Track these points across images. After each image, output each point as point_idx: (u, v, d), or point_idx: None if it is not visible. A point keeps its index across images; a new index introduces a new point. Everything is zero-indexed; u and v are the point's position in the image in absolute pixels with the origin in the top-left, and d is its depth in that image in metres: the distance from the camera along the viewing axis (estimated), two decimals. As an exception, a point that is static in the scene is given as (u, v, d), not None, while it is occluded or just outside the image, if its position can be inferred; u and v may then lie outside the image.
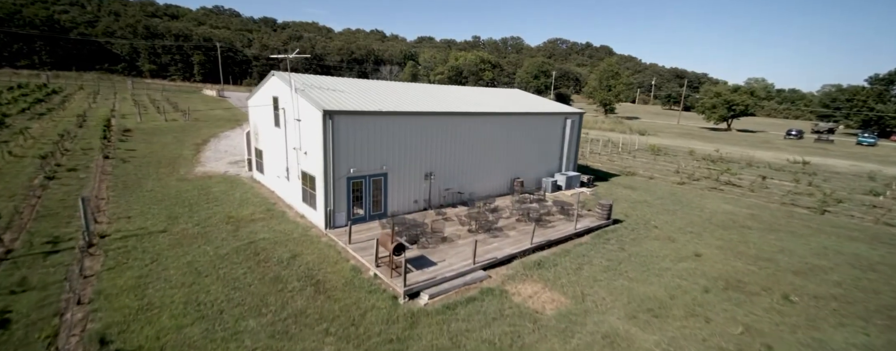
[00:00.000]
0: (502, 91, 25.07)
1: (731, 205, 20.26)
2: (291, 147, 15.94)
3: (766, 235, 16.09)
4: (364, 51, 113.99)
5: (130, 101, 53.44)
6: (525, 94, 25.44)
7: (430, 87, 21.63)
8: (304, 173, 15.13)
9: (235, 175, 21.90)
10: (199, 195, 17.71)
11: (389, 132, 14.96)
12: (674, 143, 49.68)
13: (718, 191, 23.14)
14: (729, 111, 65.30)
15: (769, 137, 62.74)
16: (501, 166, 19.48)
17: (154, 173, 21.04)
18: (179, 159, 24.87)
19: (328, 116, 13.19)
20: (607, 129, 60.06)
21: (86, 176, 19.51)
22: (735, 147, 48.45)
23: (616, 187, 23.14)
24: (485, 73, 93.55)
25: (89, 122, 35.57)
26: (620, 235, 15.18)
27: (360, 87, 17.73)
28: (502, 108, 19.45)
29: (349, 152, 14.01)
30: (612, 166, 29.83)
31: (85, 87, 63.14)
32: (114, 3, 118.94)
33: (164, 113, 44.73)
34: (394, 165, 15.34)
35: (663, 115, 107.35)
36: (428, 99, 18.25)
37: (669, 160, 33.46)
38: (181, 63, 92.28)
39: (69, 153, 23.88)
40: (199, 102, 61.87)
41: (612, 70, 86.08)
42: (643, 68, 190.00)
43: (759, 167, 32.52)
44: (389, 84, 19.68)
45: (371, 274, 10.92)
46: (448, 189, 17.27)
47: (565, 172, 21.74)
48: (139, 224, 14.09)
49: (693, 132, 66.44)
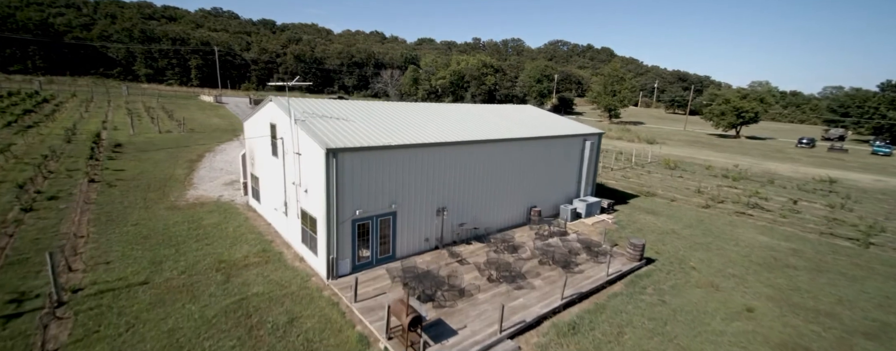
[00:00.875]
0: (513, 109, 23.51)
1: (766, 236, 18.72)
2: (290, 181, 14.38)
3: (815, 277, 14.55)
4: (364, 54, 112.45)
5: (124, 109, 51.85)
6: (538, 112, 23.90)
7: (437, 107, 20.08)
8: (303, 212, 13.58)
9: (230, 201, 20.34)
10: (189, 230, 16.14)
11: (399, 167, 13.41)
12: (685, 153, 48.17)
13: (747, 216, 21.60)
14: (738, 118, 63.80)
15: (780, 145, 61.25)
16: (517, 195, 17.94)
17: (141, 201, 19.47)
18: (171, 181, 23.30)
19: (332, 155, 11.64)
20: (615, 138, 58.56)
21: (66, 207, 17.93)
22: (748, 158, 46.94)
23: (637, 212, 21.60)
24: (487, 78, 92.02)
25: (79, 135, 33.98)
26: (656, 279, 13.64)
27: (363, 111, 16.18)
28: (518, 132, 17.91)
29: (355, 192, 12.46)
30: (629, 185, 28.29)
31: (78, 94, 61.54)
32: (110, 6, 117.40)
33: (159, 123, 43.15)
34: (404, 202, 13.79)
35: (668, 120, 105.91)
36: (438, 122, 16.71)
37: (687, 176, 31.92)
38: (178, 67, 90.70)
39: (52, 176, 22.29)
40: (195, 110, 60.37)
41: (617, 74, 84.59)
42: (645, 71, 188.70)
43: (782, 185, 31.02)
44: (395, 106, 18.12)
45: (382, 348, 9.36)
46: (462, 224, 15.71)
47: (585, 198, 20.20)
48: (118, 273, 12.52)
49: (701, 139, 64.97)
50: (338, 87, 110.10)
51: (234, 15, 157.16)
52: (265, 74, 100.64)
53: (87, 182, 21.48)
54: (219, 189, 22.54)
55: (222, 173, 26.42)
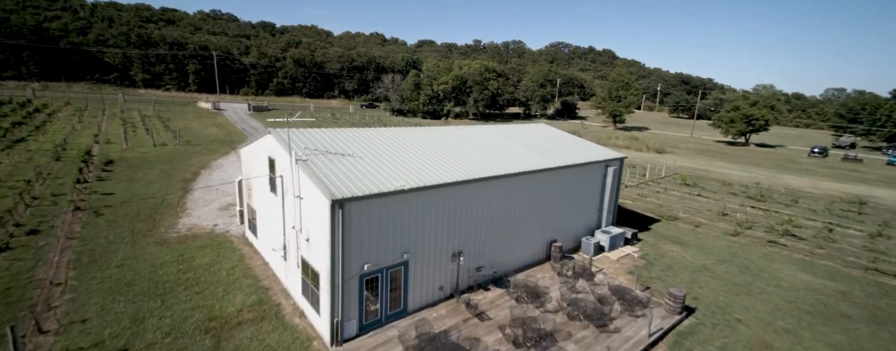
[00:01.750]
0: (526, 130, 22.02)
1: (807, 273, 17.25)
2: (290, 225, 12.90)
3: (876, 331, 13.08)
4: (365, 58, 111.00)
5: (119, 119, 50.36)
6: (552, 132, 22.43)
7: (447, 132, 18.60)
8: (305, 262, 12.10)
9: (224, 232, 18.86)
10: (178, 273, 14.64)
11: (413, 212, 11.95)
12: (697, 164, 46.72)
13: (780, 246, 20.13)
14: (748, 126, 62.38)
15: (791, 154, 59.80)
16: (537, 229, 16.46)
17: (129, 233, 17.98)
18: (162, 207, 21.81)
19: (338, 206, 10.16)
20: (623, 146, 57.11)
21: (46, 244, 16.43)
22: (763, 170, 45.50)
23: (662, 242, 20.13)
24: (490, 83, 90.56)
25: (69, 151, 32.49)
26: (702, 338, 12.16)
27: (370, 143, 14.70)
28: (538, 162, 16.43)
29: (363, 245, 10.98)
30: (647, 206, 26.83)
31: (72, 101, 60.04)
32: (108, 9, 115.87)
33: (154, 134, 41.67)
34: (417, 250, 12.32)
35: (673, 125, 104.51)
36: (451, 152, 15.24)
37: (707, 195, 30.46)
38: (176, 72, 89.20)
39: (36, 203, 20.80)
40: (192, 118, 58.96)
41: (622, 80, 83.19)
42: (647, 73, 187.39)
43: (810, 207, 29.58)
44: (402, 134, 16.63)
45: None
46: (479, 268, 14.23)
47: (607, 229, 18.72)
48: (95, 335, 11.03)
49: (711, 148, 63.54)
50: (338, 92, 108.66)
51: (233, 17, 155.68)
52: (264, 79, 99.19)
53: (71, 211, 19.99)
54: (213, 215, 21.07)
55: (218, 195, 24.96)
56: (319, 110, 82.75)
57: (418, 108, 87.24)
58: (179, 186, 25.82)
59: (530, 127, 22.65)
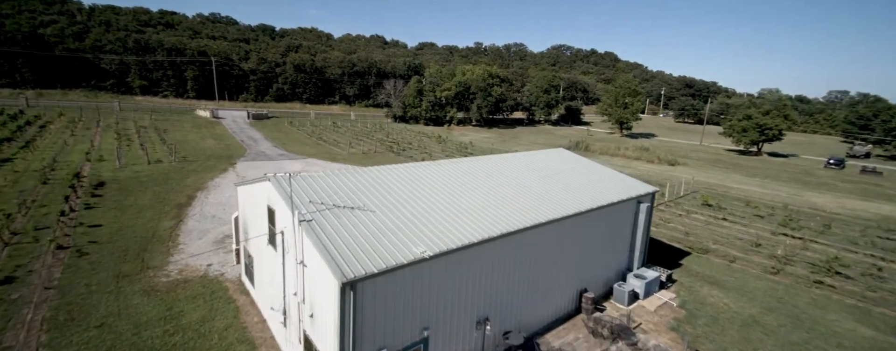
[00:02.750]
0: (547, 159, 20.29)
1: (866, 325, 15.56)
2: (291, 291, 11.20)
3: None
4: (366, 63, 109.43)
5: (113, 132, 48.68)
6: (575, 161, 20.74)
7: (462, 165, 16.87)
8: (307, 340, 10.40)
9: (219, 275, 17.18)
10: (165, 336, 12.94)
11: (434, 281, 10.27)
12: (713, 178, 45.03)
13: (828, 288, 18.44)
14: (761, 135, 60.71)
15: (807, 165, 58.09)
16: (566, 278, 14.79)
17: (113, 280, 16.28)
18: (153, 241, 20.12)
19: (349, 287, 8.48)
20: (633, 158, 55.44)
21: (19, 296, 14.73)
22: (782, 184, 43.81)
23: (698, 283, 18.43)
24: (493, 89, 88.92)
25: (58, 171, 30.81)
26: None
27: (379, 188, 13.00)
28: (567, 204, 14.73)
29: (377, 327, 9.30)
30: (672, 233, 25.15)
31: (66, 112, 58.34)
32: (105, 12, 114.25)
33: (149, 149, 40.01)
34: (438, 324, 10.64)
35: (680, 132, 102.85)
36: (472, 189, 13.57)
37: (733, 218, 28.76)
38: (174, 78, 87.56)
39: (15, 241, 19.09)
40: (190, 128, 57.33)
41: (628, 87, 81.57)
42: (651, 77, 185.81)
43: (848, 236, 27.89)
44: (415, 174, 14.90)
45: None
46: (507, 334, 12.54)
47: (640, 272, 17.02)
48: (62, 434, 9.34)
49: (723, 158, 61.86)
50: (339, 97, 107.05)
51: (232, 21, 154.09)
52: (264, 85, 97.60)
53: (53, 250, 18.30)
54: (208, 252, 19.38)
55: (214, 223, 23.28)
56: (320, 117, 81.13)
57: (421, 115, 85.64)
58: (172, 214, 24.13)
59: (550, 155, 20.95)
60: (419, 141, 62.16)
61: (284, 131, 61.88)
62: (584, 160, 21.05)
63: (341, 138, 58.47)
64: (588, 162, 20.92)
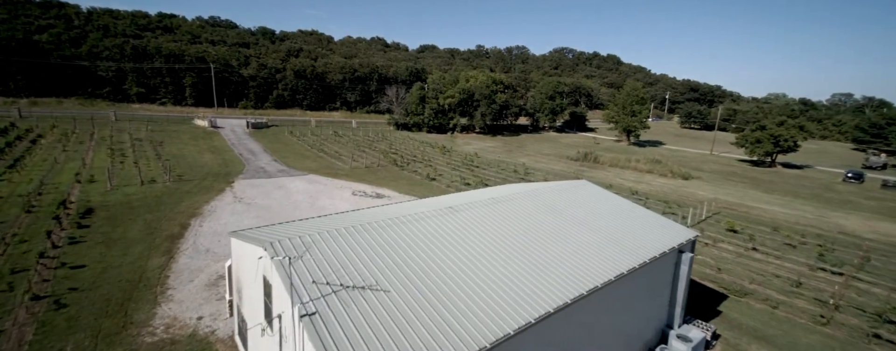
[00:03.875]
0: (576, 197, 18.48)
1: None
2: (291, 389, 9.40)
3: None
4: (367, 68, 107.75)
5: (108, 146, 46.94)
6: (608, 201, 18.95)
7: (487, 212, 15.06)
8: None
9: (210, 332, 15.40)
10: (146, 425, 11.15)
11: (466, 387, 8.46)
12: (729, 194, 43.22)
13: (888, 344, 16.64)
14: (776, 147, 58.92)
15: (824, 179, 56.25)
16: (606, 344, 12.99)
17: (91, 341, 14.49)
18: (140, 287, 18.34)
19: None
20: (645, 171, 53.65)
21: (-20, 369, 12.96)
22: (804, 202, 42.00)
23: (744, 338, 16.63)
24: (497, 96, 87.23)
25: (46, 195, 29.06)
26: None
27: (395, 250, 11.21)
28: (615, 262, 12.94)
29: None
30: (703, 268, 23.37)
31: (60, 123, 56.59)
32: (103, 17, 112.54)
33: (143, 166, 38.27)
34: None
35: (687, 139, 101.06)
36: (503, 247, 11.79)
37: (763, 249, 26.96)
38: (172, 85, 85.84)
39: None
40: (187, 140, 55.63)
41: (636, 95, 79.81)
42: (655, 80, 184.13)
43: (886, 267, 26.11)
44: (431, 233, 13.12)
45: None
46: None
47: (685, 334, 15.15)
48: None
49: (736, 170, 60.06)
50: (340, 104, 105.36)
51: (231, 24, 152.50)
52: (264, 91, 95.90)
53: (28, 302, 16.50)
54: (199, 300, 17.59)
55: (207, 259, 21.51)
56: (321, 126, 79.40)
57: (423, 123, 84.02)
58: (163, 249, 22.35)
59: (578, 191, 19.14)
60: (423, 152, 60.46)
61: (284, 142, 60.16)
62: (613, 198, 19.27)
63: (343, 150, 56.75)
64: (619, 200, 19.14)
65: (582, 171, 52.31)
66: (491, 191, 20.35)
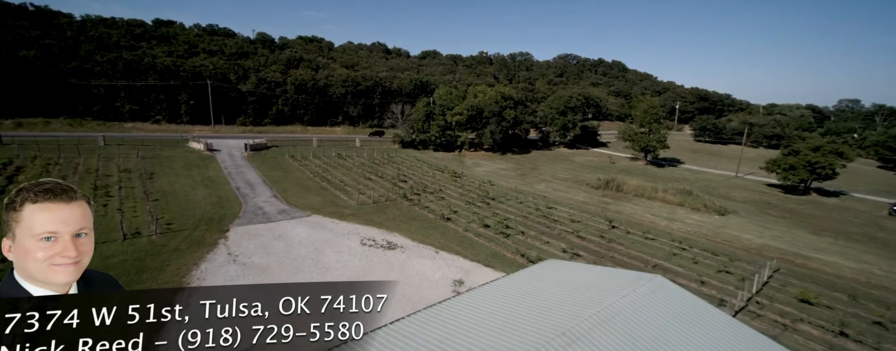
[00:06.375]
0: (651, 304, 14.40)
1: None
2: None
3: None
4: (370, 81, 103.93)
5: (92, 181, 42.92)
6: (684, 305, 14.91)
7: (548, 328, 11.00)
8: None
9: None
10: None
11: None
12: (775, 237, 39.24)
13: None
14: (812, 175, 55.03)
15: (867, 212, 52.23)
16: None
17: None
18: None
19: None
20: (675, 204, 49.64)
21: None
22: (864, 250, 37.93)
23: None
24: (506, 112, 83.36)
25: (6, 270, 24.96)
26: None
27: None
28: None
29: None
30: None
31: (43, 151, 52.53)
32: (97, 26, 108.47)
33: (127, 211, 34.24)
34: None
35: (704, 156, 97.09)
36: None
37: (854, 334, 22.89)
38: (167, 102, 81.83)
39: None
40: (180, 169, 51.65)
41: (654, 113, 75.98)
42: (663, 89, 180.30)
43: None
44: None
45: None
46: None
47: None
48: None
49: (769, 199, 56.14)
50: (342, 118, 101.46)
51: (230, 32, 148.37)
52: (263, 106, 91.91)
53: None
54: None
55: None
56: (323, 145, 75.37)
57: (430, 141, 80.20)
58: None
59: (650, 288, 15.06)
60: (433, 178, 56.56)
61: (285, 169, 56.19)
62: (688, 297, 15.24)
63: (347, 177, 52.84)
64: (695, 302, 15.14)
65: (606, 204, 48.35)
66: (541, 286, 16.28)
